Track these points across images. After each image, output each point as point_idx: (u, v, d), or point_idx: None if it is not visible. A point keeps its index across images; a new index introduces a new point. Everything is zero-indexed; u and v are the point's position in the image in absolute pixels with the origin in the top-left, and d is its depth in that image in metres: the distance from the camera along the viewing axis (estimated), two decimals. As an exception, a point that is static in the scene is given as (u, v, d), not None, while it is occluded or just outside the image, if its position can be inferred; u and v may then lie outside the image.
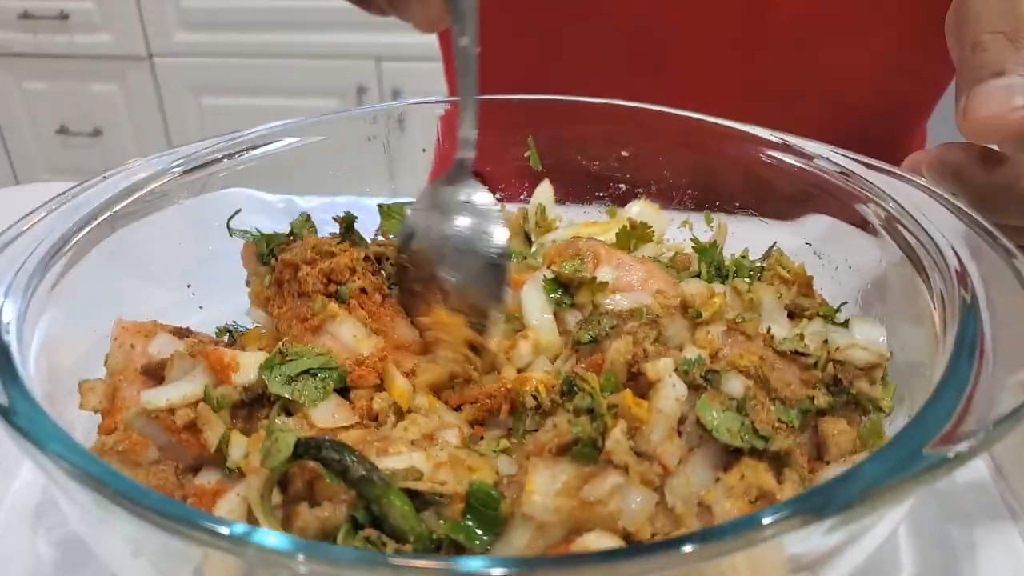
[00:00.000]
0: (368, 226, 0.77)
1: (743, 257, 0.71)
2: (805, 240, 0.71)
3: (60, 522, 0.60)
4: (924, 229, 0.55)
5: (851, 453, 0.53)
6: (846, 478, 0.36)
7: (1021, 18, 0.56)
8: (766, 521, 0.33)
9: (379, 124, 0.79)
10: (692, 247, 0.72)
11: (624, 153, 0.81)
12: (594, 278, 0.62)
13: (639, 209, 0.79)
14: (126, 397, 0.55)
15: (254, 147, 0.73)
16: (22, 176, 3.06)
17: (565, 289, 0.63)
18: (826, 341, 0.57)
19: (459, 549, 0.43)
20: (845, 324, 0.61)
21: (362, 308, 0.61)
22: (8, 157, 3.05)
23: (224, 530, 0.35)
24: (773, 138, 0.70)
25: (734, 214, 0.78)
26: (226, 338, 0.68)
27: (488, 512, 0.43)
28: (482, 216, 0.63)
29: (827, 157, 0.67)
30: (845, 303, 0.65)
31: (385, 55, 2.69)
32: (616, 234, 0.74)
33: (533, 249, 0.78)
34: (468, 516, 0.44)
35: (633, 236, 0.74)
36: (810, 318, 0.63)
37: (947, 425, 0.39)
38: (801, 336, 0.58)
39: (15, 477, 0.64)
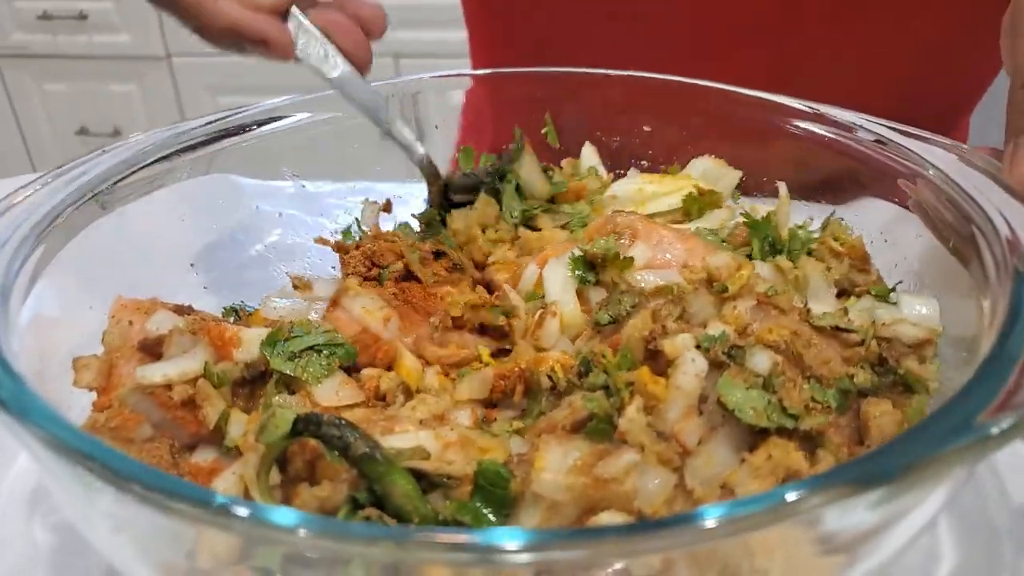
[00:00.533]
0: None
1: (801, 227, 0.67)
2: (840, 215, 0.68)
3: (57, 508, 0.58)
4: (970, 195, 0.51)
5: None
6: (891, 447, 0.33)
7: None
8: (804, 492, 0.30)
9: (393, 100, 0.77)
10: (744, 222, 0.68)
11: (646, 128, 0.77)
12: (618, 254, 0.58)
13: (705, 166, 0.74)
14: (122, 374, 0.52)
15: (261, 123, 0.71)
16: None
17: (591, 267, 0.59)
18: (875, 321, 0.53)
19: (465, 530, 0.40)
20: (895, 302, 0.57)
21: (403, 292, 0.59)
22: (29, 157, 3.06)
23: (216, 502, 0.32)
24: (804, 108, 0.67)
25: (762, 190, 0.74)
26: (231, 319, 0.65)
27: (497, 492, 0.40)
28: None
29: (861, 126, 0.63)
30: (900, 282, 0.61)
31: (404, 52, 2.68)
32: (682, 199, 0.70)
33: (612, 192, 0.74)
34: (476, 497, 0.41)
35: (699, 203, 0.70)
36: (860, 295, 0.59)
37: (1000, 394, 0.36)
38: (845, 311, 0.55)
39: (12, 463, 0.62)
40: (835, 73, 0.94)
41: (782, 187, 0.68)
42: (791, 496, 0.30)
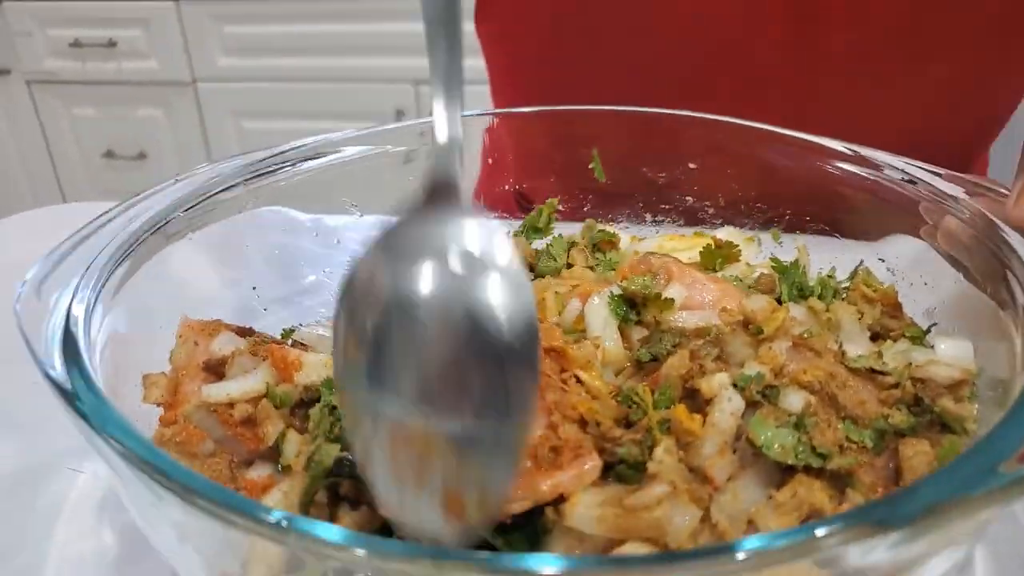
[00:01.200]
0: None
1: (829, 276, 0.69)
2: (879, 256, 0.69)
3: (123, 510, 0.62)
4: (1005, 240, 0.52)
5: (929, 477, 0.50)
6: (912, 491, 0.34)
7: None
8: (820, 533, 0.32)
9: (422, 139, 0.79)
10: (772, 267, 0.70)
11: (691, 165, 0.79)
12: (659, 294, 0.60)
13: (726, 233, 0.76)
14: (187, 392, 0.56)
15: (317, 155, 0.75)
16: (70, 199, 3.16)
17: (632, 306, 0.61)
18: (910, 364, 0.54)
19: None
20: (930, 345, 0.58)
21: None
22: (57, 180, 3.16)
23: (268, 517, 0.35)
24: (844, 150, 0.68)
25: (805, 231, 0.75)
26: (290, 340, 0.69)
27: (531, 518, 0.42)
28: (486, 270, 0.35)
29: (902, 169, 0.64)
30: (935, 323, 0.62)
31: (423, 79, 2.73)
32: (700, 252, 0.72)
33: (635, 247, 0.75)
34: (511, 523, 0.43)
35: (719, 256, 0.72)
36: (895, 339, 0.60)
37: (1026, 442, 0.37)
38: (879, 354, 0.56)
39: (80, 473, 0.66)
40: (851, 120, 0.94)
41: (792, 236, 0.70)
42: (805, 535, 0.31)
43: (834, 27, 0.89)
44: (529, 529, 0.43)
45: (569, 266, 0.73)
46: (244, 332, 0.61)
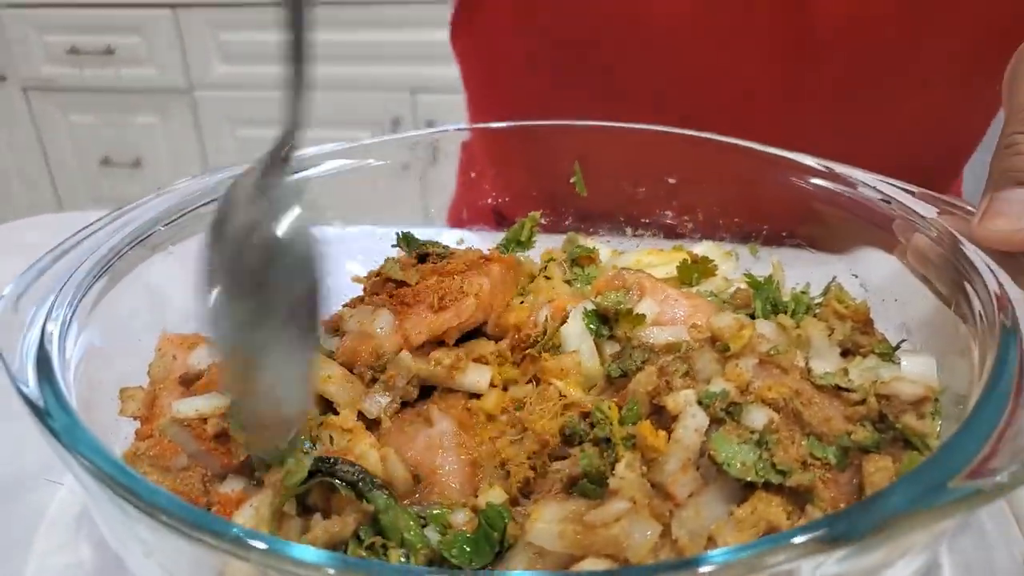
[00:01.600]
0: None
1: (803, 293, 0.69)
2: (852, 272, 0.69)
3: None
4: (967, 257, 0.53)
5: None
6: (860, 508, 0.35)
7: None
8: (770, 548, 0.32)
9: (416, 151, 0.80)
10: (746, 283, 0.70)
11: (671, 180, 0.80)
12: (630, 310, 0.61)
13: (705, 248, 0.78)
14: (164, 406, 0.56)
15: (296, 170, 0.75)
16: (66, 205, 3.16)
17: (604, 321, 0.62)
18: (876, 380, 0.55)
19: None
20: (898, 362, 0.59)
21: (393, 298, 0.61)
22: (53, 187, 3.15)
23: (231, 534, 0.36)
24: (819, 166, 0.69)
25: (782, 245, 0.76)
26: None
27: (493, 532, 0.43)
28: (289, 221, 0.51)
29: (875, 187, 0.65)
30: (904, 340, 0.62)
31: (420, 87, 2.74)
32: (677, 267, 0.73)
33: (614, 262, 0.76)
34: (475, 534, 0.43)
35: (695, 271, 0.73)
36: (864, 355, 0.61)
37: (977, 458, 0.38)
38: (845, 371, 0.56)
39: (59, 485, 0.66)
40: (835, 142, 0.94)
41: (767, 250, 0.72)
42: (755, 550, 0.32)
43: (825, 55, 0.90)
44: (490, 540, 0.43)
45: (547, 279, 0.74)
46: (222, 346, 0.62)
